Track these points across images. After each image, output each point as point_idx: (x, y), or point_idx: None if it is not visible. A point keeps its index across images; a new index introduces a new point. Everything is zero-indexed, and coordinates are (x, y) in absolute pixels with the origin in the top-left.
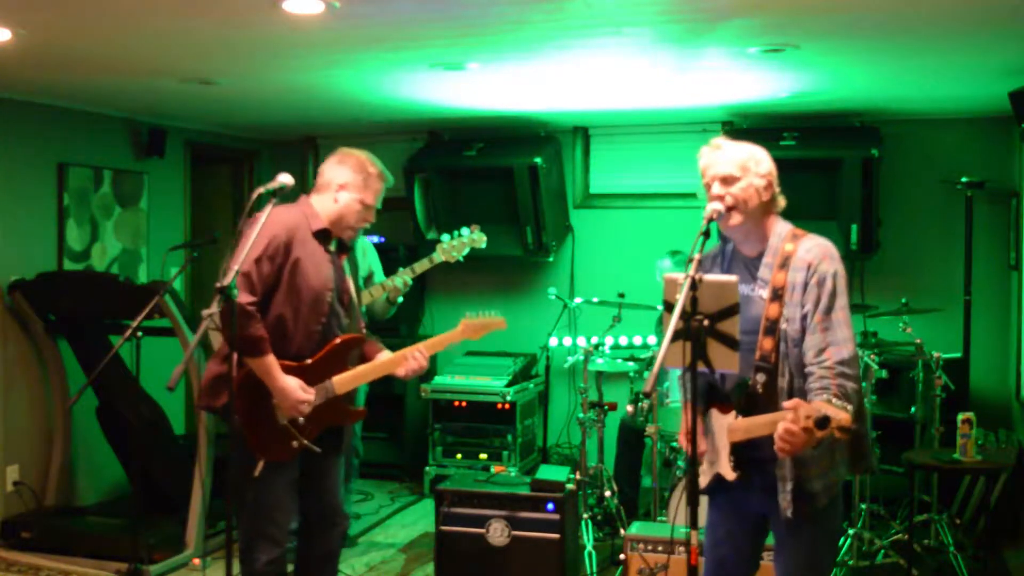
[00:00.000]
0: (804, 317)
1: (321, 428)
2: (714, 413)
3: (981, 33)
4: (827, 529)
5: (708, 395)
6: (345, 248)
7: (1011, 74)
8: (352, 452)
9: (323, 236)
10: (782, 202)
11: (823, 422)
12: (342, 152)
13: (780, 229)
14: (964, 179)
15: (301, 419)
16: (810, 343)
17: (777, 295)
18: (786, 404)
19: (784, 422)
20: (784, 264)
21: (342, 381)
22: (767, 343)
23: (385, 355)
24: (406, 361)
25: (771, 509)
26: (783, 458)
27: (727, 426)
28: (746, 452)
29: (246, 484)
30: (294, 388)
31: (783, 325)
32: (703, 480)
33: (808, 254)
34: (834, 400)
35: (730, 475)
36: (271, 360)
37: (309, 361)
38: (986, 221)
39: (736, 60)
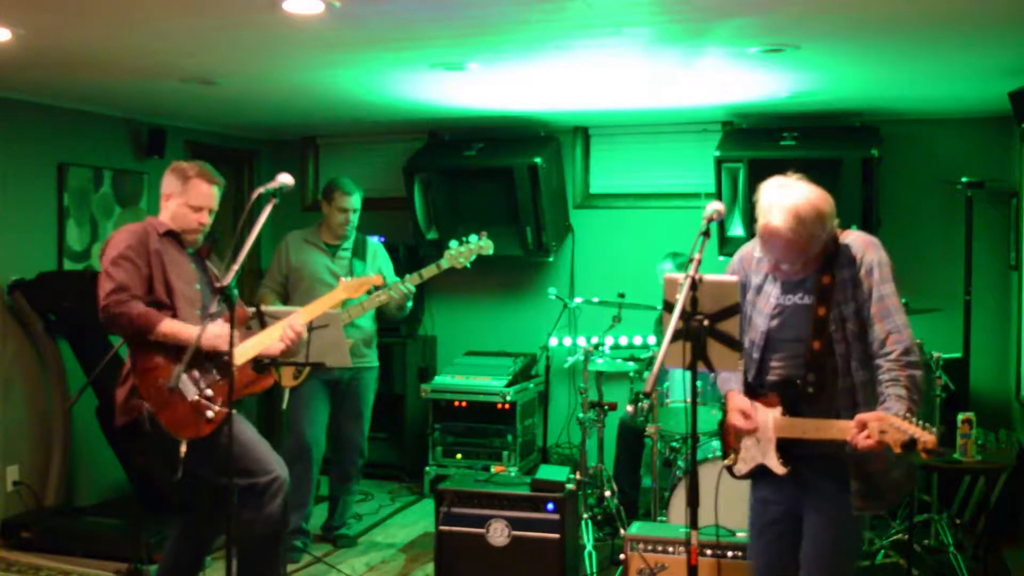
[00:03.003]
0: (860, 310)
1: (232, 398)
2: (758, 406)
3: (981, 33)
4: (860, 526)
5: (746, 386)
6: (206, 247)
7: (1011, 74)
8: (358, 453)
9: (173, 238)
10: (836, 224)
11: (910, 444)
12: (171, 165)
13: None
14: (964, 179)
15: (209, 391)
16: (872, 335)
17: (824, 297)
18: (854, 423)
19: (859, 438)
20: (829, 266)
21: (238, 353)
22: (816, 344)
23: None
24: (284, 333)
25: (809, 499)
26: (849, 455)
27: (772, 421)
28: (794, 447)
29: (209, 457)
30: (210, 327)
31: (832, 327)
32: (743, 468)
33: (851, 247)
34: (899, 410)
35: (780, 469)
36: (169, 323)
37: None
38: (986, 221)
39: (736, 60)
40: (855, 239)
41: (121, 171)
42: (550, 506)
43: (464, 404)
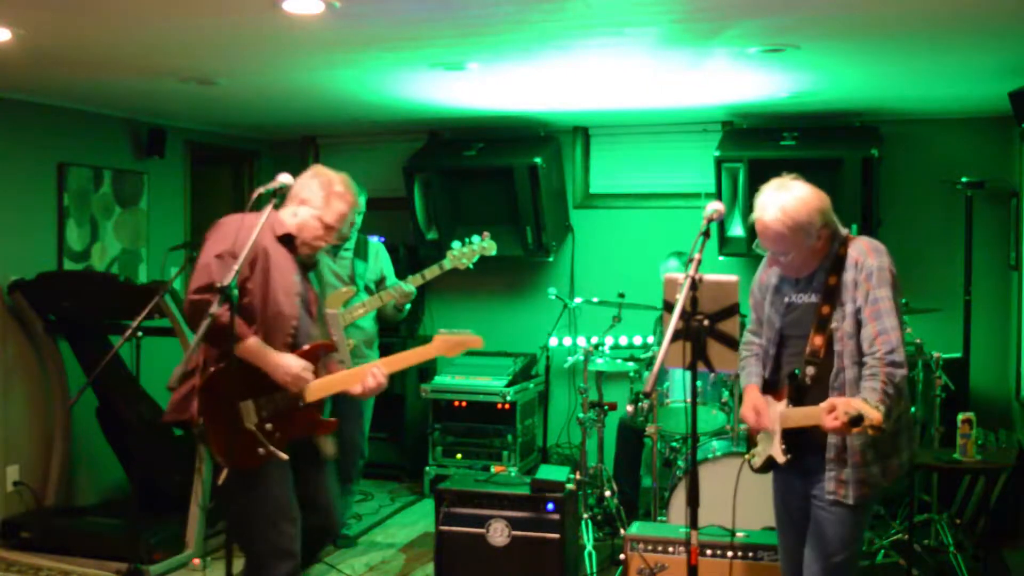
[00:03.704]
0: (857, 311)
1: (290, 437)
2: (769, 399)
3: (981, 33)
4: (857, 515)
5: (764, 381)
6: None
7: (1011, 74)
8: (358, 453)
9: (287, 243)
10: (836, 223)
11: (857, 420)
12: (315, 168)
13: (837, 237)
14: (964, 179)
15: (269, 425)
16: (863, 335)
17: (829, 296)
18: (823, 404)
19: (827, 419)
20: (837, 268)
21: (314, 388)
22: (817, 340)
23: (345, 370)
24: (364, 378)
25: (814, 489)
26: (831, 443)
27: (779, 413)
28: (798, 436)
29: (236, 498)
30: (291, 361)
31: (834, 324)
32: (757, 462)
33: (855, 252)
34: (870, 399)
35: (780, 458)
36: (254, 342)
37: None
38: (986, 221)
39: (736, 60)
40: (861, 244)
41: (121, 171)
42: (550, 506)
43: (464, 404)
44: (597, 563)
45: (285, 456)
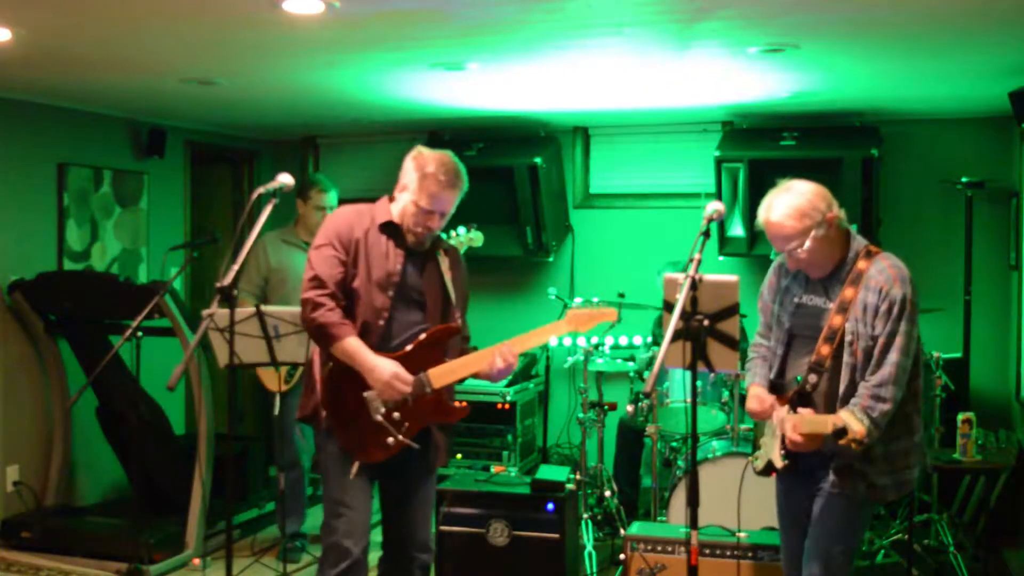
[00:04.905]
0: (875, 337)
1: (421, 426)
2: (774, 403)
3: (981, 33)
4: (853, 513)
5: (771, 384)
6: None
7: (1011, 74)
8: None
9: (391, 230)
10: (843, 215)
11: (841, 432)
12: (416, 149)
13: (855, 246)
14: (964, 179)
15: (397, 414)
16: (872, 359)
17: (843, 308)
18: (789, 417)
19: (787, 432)
20: (855, 280)
21: (439, 374)
22: (824, 349)
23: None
24: (492, 360)
25: (813, 489)
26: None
27: (782, 417)
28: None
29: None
30: (384, 367)
31: (848, 337)
32: (759, 464)
33: (880, 275)
34: (856, 412)
35: (779, 463)
36: (348, 343)
37: (399, 352)
38: (986, 221)
39: (736, 60)
40: (886, 268)
41: (121, 171)
42: (550, 506)
43: (464, 404)
44: (597, 563)
45: (416, 445)
